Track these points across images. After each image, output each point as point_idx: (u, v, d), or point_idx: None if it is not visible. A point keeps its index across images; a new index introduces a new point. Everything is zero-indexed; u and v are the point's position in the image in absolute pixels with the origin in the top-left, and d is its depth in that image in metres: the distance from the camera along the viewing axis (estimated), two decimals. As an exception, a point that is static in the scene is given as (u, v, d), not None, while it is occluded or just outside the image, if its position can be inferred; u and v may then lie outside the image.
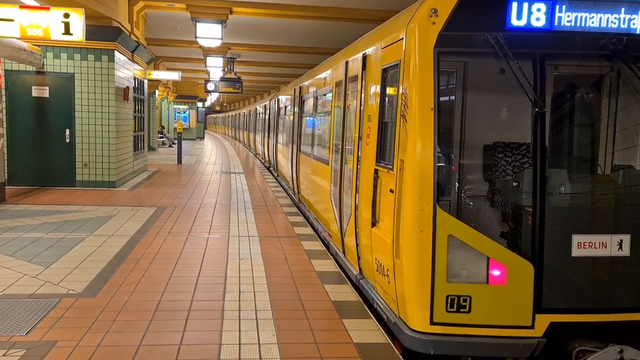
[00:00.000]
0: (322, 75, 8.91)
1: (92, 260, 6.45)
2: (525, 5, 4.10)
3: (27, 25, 9.08)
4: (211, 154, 26.79)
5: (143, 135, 16.56)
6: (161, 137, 30.36)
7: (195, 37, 13.93)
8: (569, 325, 4.13)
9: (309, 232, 8.42)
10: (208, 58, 20.02)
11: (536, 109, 4.05)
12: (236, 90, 22.88)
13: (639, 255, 4.14)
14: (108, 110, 12.44)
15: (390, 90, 4.91)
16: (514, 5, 4.09)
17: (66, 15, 9.18)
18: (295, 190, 11.64)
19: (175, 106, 38.99)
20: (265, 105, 21.77)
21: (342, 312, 4.98)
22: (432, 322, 4.08)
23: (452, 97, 4.84)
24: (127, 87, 13.76)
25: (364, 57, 5.74)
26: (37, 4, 9.86)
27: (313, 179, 9.29)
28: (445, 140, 4.48)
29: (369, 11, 13.67)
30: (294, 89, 12.78)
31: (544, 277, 4.06)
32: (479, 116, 4.90)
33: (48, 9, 9.21)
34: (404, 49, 4.42)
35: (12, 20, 8.99)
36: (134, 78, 14.99)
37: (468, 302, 4.05)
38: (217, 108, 67.84)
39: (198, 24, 13.60)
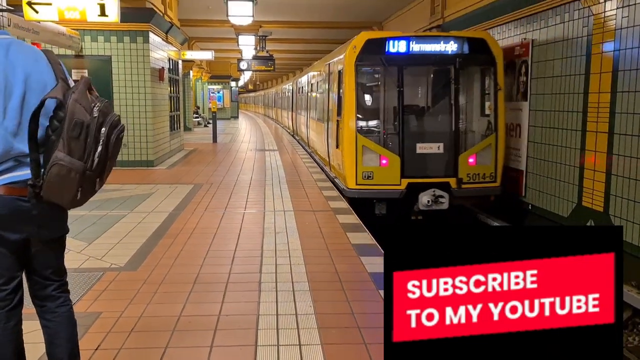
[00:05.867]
0: (318, 69, 14.14)
1: (133, 236, 6.63)
2: (394, 42, 8.89)
3: (65, 8, 9.29)
4: (245, 132, 26.98)
5: (179, 115, 16.78)
6: (196, 117, 30.69)
7: (227, 16, 13.92)
8: (416, 184, 8.84)
9: (344, 206, 8.43)
10: (240, 37, 20.00)
11: (399, 89, 9.06)
12: (268, 68, 22.86)
13: (447, 152, 9.00)
14: (145, 91, 12.63)
15: (340, 82, 9.79)
16: (390, 42, 8.92)
17: (101, -3, 9.33)
18: (305, 140, 17.62)
19: (210, 86, 39.27)
20: (287, 88, 26.79)
21: (379, 283, 4.98)
22: (356, 184, 9.01)
23: (369, 86, 10.29)
24: (162, 67, 13.92)
25: (331, 63, 11.13)
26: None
27: (311, 128, 15.64)
28: (361, 106, 9.65)
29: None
30: (307, 75, 17.53)
31: (405, 162, 8.90)
32: (379, 95, 9.93)
33: (84, -9, 9.36)
34: (343, 62, 9.40)
35: (50, 4, 9.24)
36: (169, 59, 15.15)
37: (372, 175, 8.93)
38: (251, 87, 68.05)
39: (229, 3, 13.55)
